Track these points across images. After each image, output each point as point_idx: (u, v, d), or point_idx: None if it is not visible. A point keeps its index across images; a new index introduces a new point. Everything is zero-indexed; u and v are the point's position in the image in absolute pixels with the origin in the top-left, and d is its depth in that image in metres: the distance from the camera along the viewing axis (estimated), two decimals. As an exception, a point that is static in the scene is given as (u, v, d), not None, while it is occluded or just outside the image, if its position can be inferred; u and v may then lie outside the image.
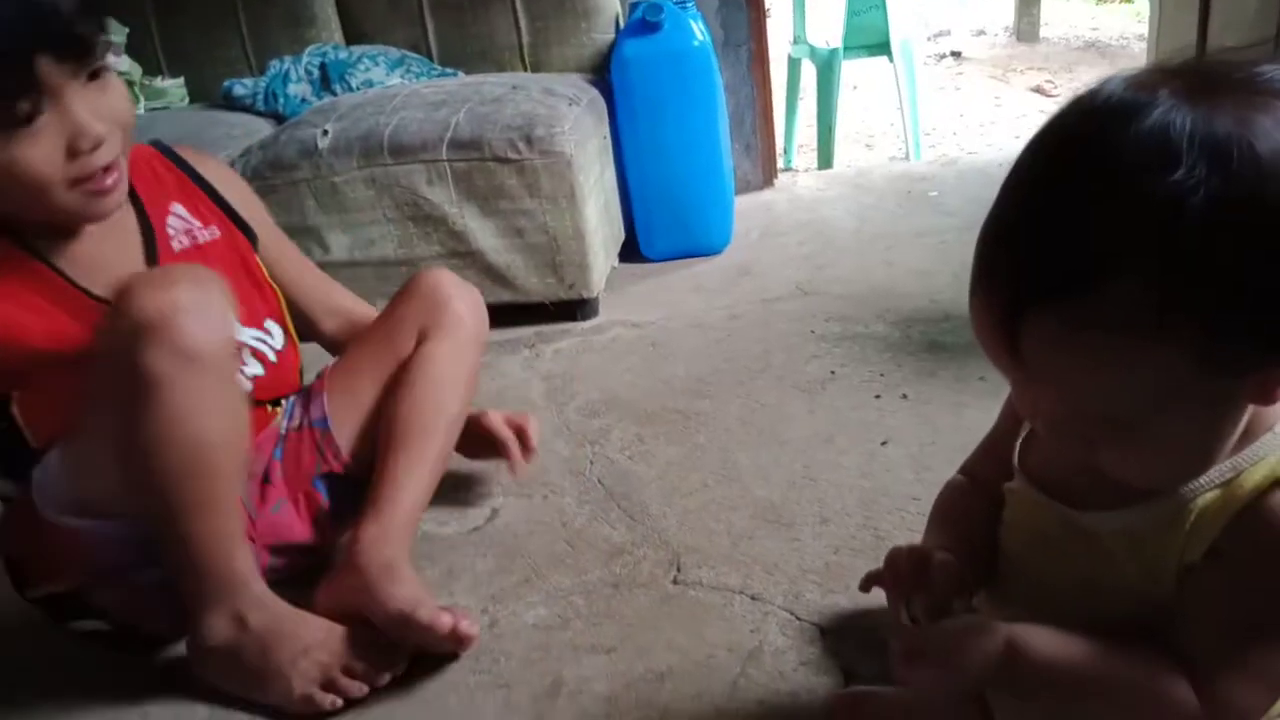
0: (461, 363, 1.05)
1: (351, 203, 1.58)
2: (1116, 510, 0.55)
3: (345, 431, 1.04)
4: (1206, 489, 0.52)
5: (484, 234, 1.60)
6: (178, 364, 0.77)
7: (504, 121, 1.56)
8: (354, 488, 1.01)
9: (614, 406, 1.35)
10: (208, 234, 0.98)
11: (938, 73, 4.14)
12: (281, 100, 1.90)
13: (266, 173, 1.58)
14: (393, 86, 1.83)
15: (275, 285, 1.05)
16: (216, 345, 0.80)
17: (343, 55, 1.94)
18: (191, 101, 2.10)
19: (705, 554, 1.00)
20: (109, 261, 0.89)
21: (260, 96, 1.92)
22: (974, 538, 0.65)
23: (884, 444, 1.16)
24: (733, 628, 0.89)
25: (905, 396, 1.26)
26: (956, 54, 4.39)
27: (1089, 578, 0.57)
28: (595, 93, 1.79)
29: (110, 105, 0.82)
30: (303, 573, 0.98)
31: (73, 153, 0.79)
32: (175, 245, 0.95)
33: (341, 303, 1.15)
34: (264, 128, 1.84)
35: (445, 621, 0.84)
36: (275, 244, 1.08)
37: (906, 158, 2.61)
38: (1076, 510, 0.57)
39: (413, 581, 0.89)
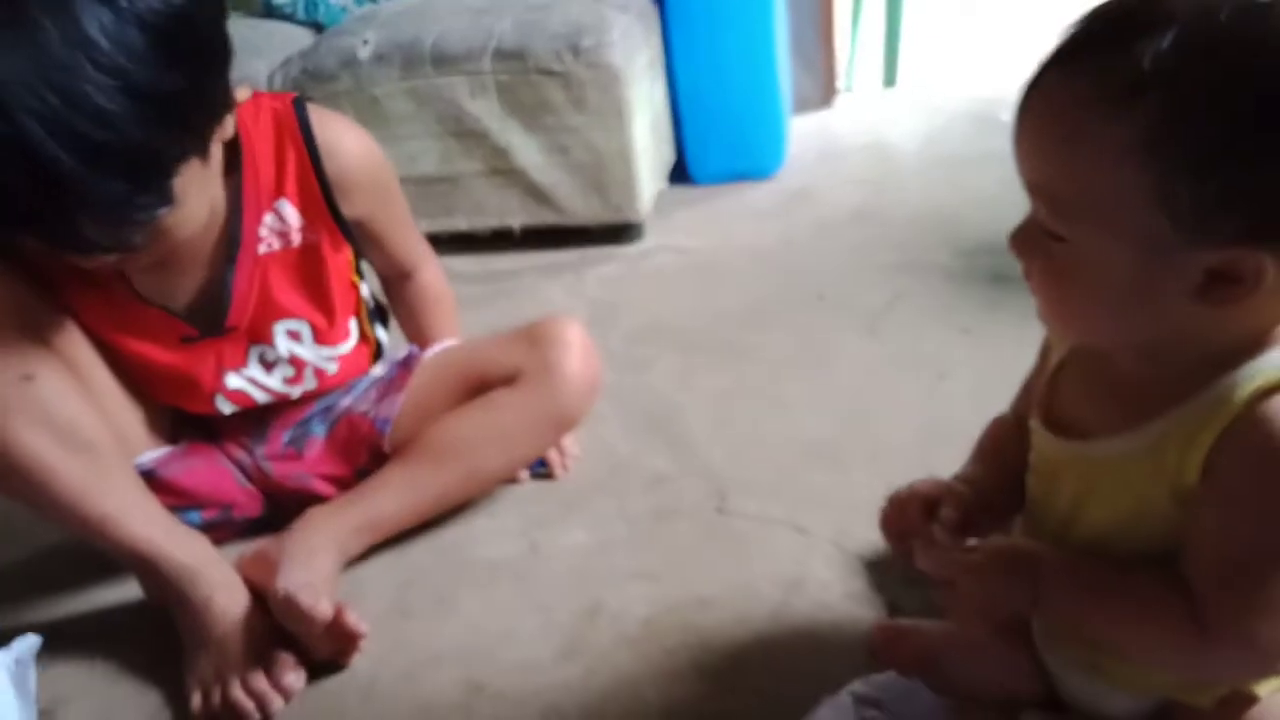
0: (523, 425, 0.94)
1: (392, 116, 1.54)
2: (1118, 435, 0.54)
3: (399, 436, 0.96)
4: (1200, 407, 0.50)
5: (527, 151, 1.55)
6: None
7: (550, 30, 1.49)
8: None
9: (660, 334, 1.31)
10: (302, 238, 0.89)
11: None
12: (321, 8, 1.86)
13: (306, 84, 1.54)
14: (436, -7, 1.76)
15: (359, 275, 0.98)
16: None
17: (386, -39, 1.87)
18: (231, 9, 2.05)
19: (751, 486, 0.98)
20: (180, 265, 0.85)
21: (300, 4, 1.87)
22: (1009, 469, 0.66)
23: (942, 378, 1.11)
24: (776, 558, 0.87)
25: (967, 330, 1.20)
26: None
27: (1095, 507, 0.56)
28: (645, 1, 1.70)
29: (210, 180, 0.79)
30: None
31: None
32: (262, 249, 0.87)
33: (413, 271, 1.05)
34: (304, 37, 1.80)
35: (324, 609, 0.77)
36: (386, 225, 0.97)
37: (977, 77, 2.47)
38: (1084, 442, 0.57)
39: (321, 573, 0.84)
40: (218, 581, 0.84)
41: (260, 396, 0.94)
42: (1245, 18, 0.45)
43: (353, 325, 0.98)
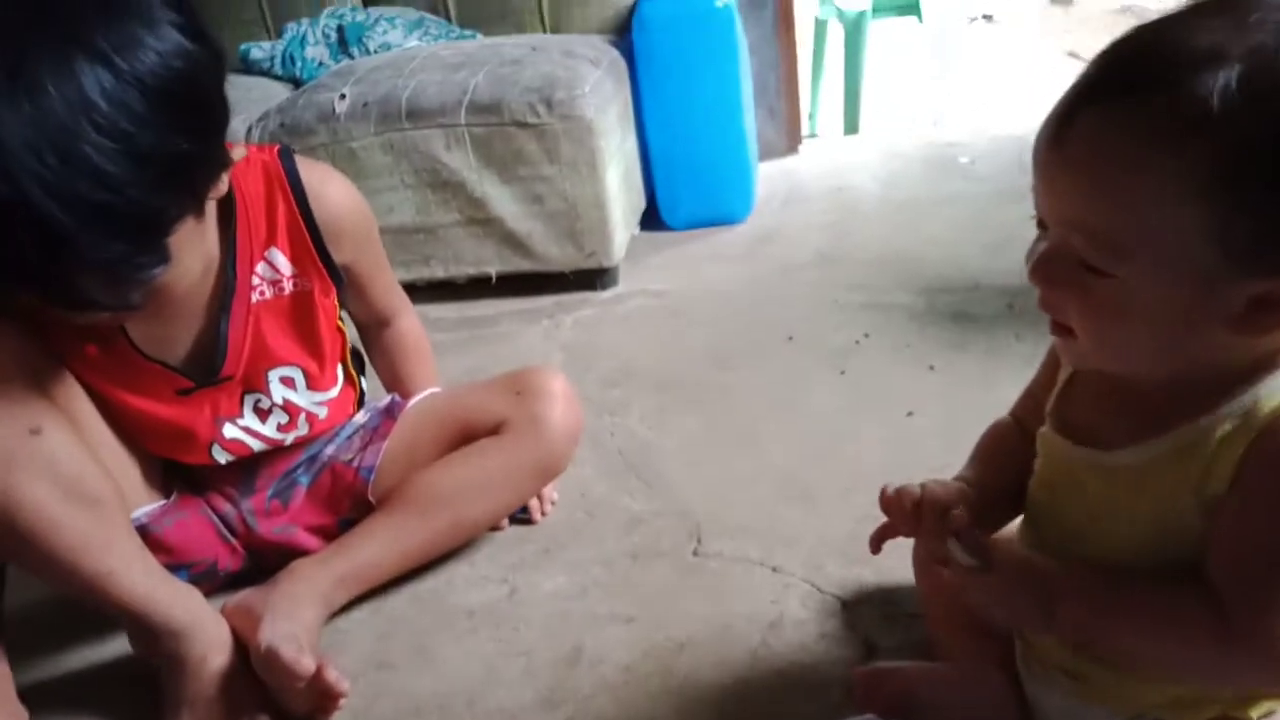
0: (507, 475, 0.95)
1: (369, 169, 1.57)
2: (1136, 445, 0.55)
3: (382, 486, 0.97)
4: (1226, 419, 0.51)
5: (503, 201, 1.58)
6: None
7: (524, 84, 1.53)
8: None
9: (634, 377, 1.34)
10: (294, 286, 0.90)
11: (969, 36, 4.03)
12: (299, 63, 1.88)
13: (284, 138, 1.57)
14: (410, 48, 1.80)
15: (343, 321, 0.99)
16: None
17: (360, 17, 1.91)
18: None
19: (726, 525, 0.99)
20: (175, 315, 0.85)
21: (277, 60, 1.90)
22: (1008, 472, 0.66)
23: (909, 415, 1.14)
24: (753, 599, 0.88)
25: (932, 368, 1.23)
26: (989, 17, 4.27)
27: (1110, 518, 0.57)
28: (616, 54, 1.75)
29: (204, 235, 0.80)
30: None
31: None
32: (255, 296, 0.88)
33: (392, 318, 1.06)
34: (281, 92, 1.82)
35: (306, 665, 0.77)
36: (369, 272, 0.99)
37: (935, 123, 2.55)
38: (1100, 450, 0.57)
39: (304, 626, 0.84)
40: (212, 640, 0.83)
41: (256, 445, 0.95)
42: None
43: (339, 370, 0.99)
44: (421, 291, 1.65)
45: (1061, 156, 0.50)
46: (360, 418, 1.03)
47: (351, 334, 1.06)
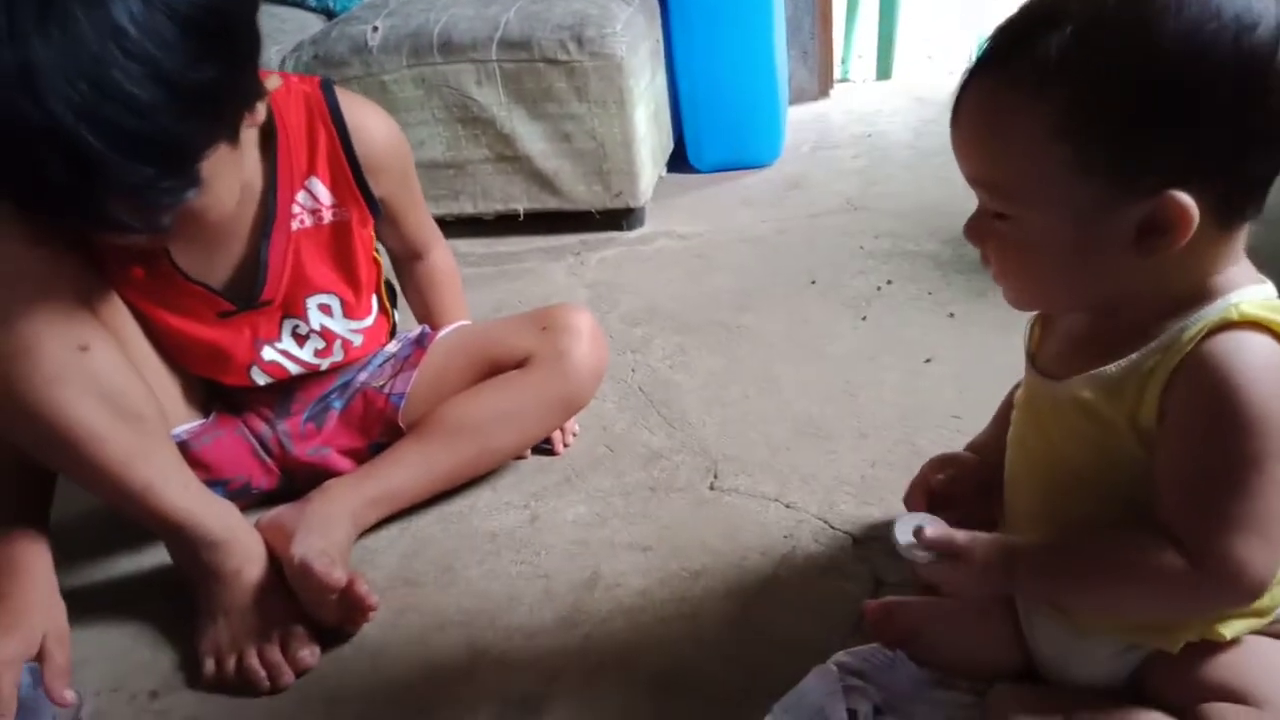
0: (533, 407, 0.97)
1: (401, 102, 1.57)
2: (1082, 375, 0.59)
3: (411, 414, 1.00)
4: (1155, 352, 0.55)
5: (532, 138, 1.58)
6: None
7: (555, 20, 1.52)
8: None
9: (657, 316, 1.35)
10: (333, 215, 0.92)
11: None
12: (332, -6, 1.87)
13: (317, 69, 1.57)
14: (442, -18, 1.78)
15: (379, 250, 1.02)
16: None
17: (392, -52, 1.89)
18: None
19: (742, 462, 1.02)
20: (218, 240, 0.88)
21: (310, -10, 1.89)
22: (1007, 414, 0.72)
23: (928, 361, 1.15)
24: (766, 533, 0.91)
25: (952, 315, 1.24)
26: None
27: (1066, 449, 0.60)
28: (649, -8, 1.73)
29: (240, 163, 0.81)
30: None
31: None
32: (295, 225, 0.91)
33: (425, 252, 1.08)
34: (315, 23, 1.82)
35: (338, 576, 0.80)
36: (405, 205, 1.01)
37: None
38: (1056, 381, 0.61)
39: (335, 542, 0.87)
40: (249, 553, 0.86)
41: (293, 369, 0.98)
42: (1128, 5, 0.51)
43: (374, 301, 1.02)
44: (450, 226, 1.66)
45: (957, 126, 0.57)
46: (392, 346, 1.05)
47: (386, 267, 1.09)
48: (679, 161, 1.88)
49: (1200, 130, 0.51)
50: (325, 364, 0.99)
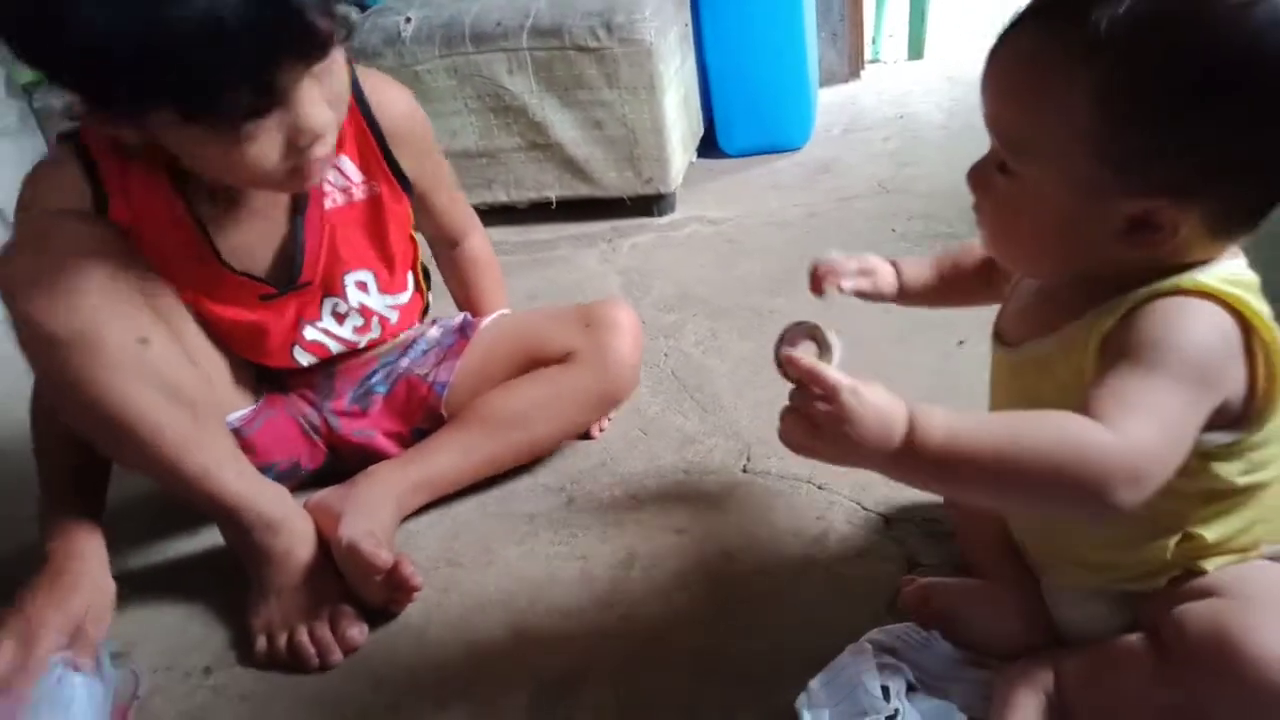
0: (575, 404, 1.00)
1: (434, 92, 1.59)
2: (1037, 339, 0.60)
3: (454, 403, 1.02)
4: (1106, 315, 0.55)
5: (563, 126, 1.60)
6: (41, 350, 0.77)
7: (584, 7, 1.53)
8: None
9: (689, 302, 1.36)
10: (364, 191, 0.94)
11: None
12: (364, -14, 1.89)
13: (350, 60, 1.59)
14: (473, -29, 1.79)
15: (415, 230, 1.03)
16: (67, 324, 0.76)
17: (422, -61, 1.90)
18: (275, -12, 2.10)
19: (775, 445, 1.00)
20: (255, 224, 0.90)
21: (342, -17, 1.91)
22: (944, 275, 0.80)
23: (960, 344, 1.15)
24: (799, 515, 0.92)
25: (986, 298, 1.23)
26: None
27: (1030, 407, 0.58)
28: (677, -23, 1.73)
29: (333, 89, 0.77)
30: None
31: (293, 147, 0.75)
32: (327, 204, 0.92)
33: (462, 237, 1.11)
34: (348, 14, 1.83)
35: (385, 558, 0.83)
36: (431, 183, 1.02)
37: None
38: (1013, 348, 0.63)
39: (381, 525, 0.90)
40: (299, 535, 0.89)
41: (334, 347, 1.00)
42: None
43: (409, 278, 1.04)
44: (483, 215, 1.65)
45: (995, 60, 0.57)
46: (434, 333, 1.07)
47: (425, 252, 1.11)
48: (709, 146, 1.88)
49: (1224, 142, 0.50)
50: (364, 340, 1.02)
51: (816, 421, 0.52)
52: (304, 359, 1.00)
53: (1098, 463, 0.49)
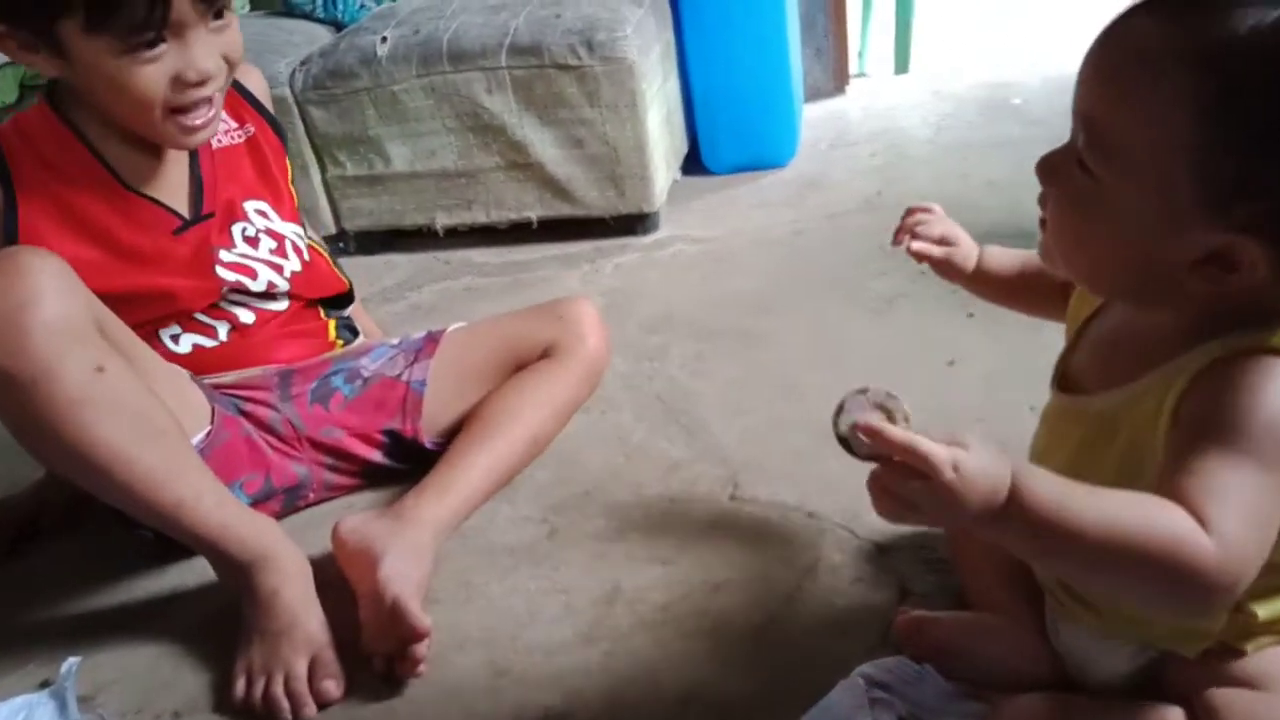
0: (570, 394, 1.07)
1: (412, 112, 1.57)
2: (1110, 390, 0.56)
3: (436, 403, 1.04)
4: (1192, 363, 0.52)
5: (543, 145, 1.58)
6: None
7: (564, 25, 1.51)
8: (413, 455, 1.03)
9: (674, 323, 1.34)
10: (244, 132, 1.04)
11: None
12: (341, 6, 1.88)
13: (327, 82, 1.57)
14: (452, -10, 1.78)
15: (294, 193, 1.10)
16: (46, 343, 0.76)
17: (401, -42, 1.89)
18: (252, 8, 2.09)
19: (763, 471, 1.00)
20: (156, 165, 0.97)
21: (320, 2, 1.90)
22: (1015, 276, 0.77)
23: (951, 364, 1.13)
24: (789, 543, 0.90)
25: (971, 315, 1.21)
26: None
27: (1087, 467, 0.55)
28: (659, -6, 1.71)
29: (225, 43, 0.90)
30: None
31: (179, 83, 0.87)
32: (214, 144, 1.00)
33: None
34: (323, 35, 1.82)
35: (426, 624, 0.79)
36: None
37: (988, 62, 2.46)
38: (1081, 396, 0.59)
39: (424, 576, 0.87)
40: (287, 571, 0.85)
41: (259, 268, 1.02)
42: None
43: (301, 232, 1.08)
44: (464, 236, 1.67)
45: (1102, 48, 0.52)
46: (393, 340, 1.11)
47: (317, 236, 1.15)
48: (693, 164, 1.87)
49: None
50: (286, 269, 1.04)
51: (914, 500, 0.47)
52: (228, 275, 1.00)
53: (1203, 576, 0.46)
